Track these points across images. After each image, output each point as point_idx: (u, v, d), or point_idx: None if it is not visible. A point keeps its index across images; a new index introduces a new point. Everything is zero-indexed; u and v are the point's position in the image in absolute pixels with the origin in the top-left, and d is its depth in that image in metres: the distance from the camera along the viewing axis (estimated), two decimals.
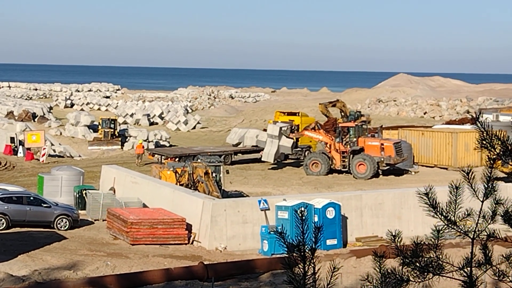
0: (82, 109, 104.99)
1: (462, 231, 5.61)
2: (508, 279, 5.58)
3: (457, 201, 5.59)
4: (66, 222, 33.78)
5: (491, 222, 5.68)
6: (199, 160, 40.87)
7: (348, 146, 51.63)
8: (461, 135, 54.80)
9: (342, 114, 67.66)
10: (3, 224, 32.54)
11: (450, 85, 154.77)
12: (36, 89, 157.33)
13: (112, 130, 68.46)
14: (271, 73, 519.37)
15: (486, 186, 5.65)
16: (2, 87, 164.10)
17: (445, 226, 5.60)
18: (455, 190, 5.59)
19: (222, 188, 38.49)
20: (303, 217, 5.18)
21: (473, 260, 5.56)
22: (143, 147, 59.04)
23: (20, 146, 59.66)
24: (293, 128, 54.98)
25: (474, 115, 5.65)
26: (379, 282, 5.51)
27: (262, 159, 54.89)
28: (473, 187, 5.63)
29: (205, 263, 25.29)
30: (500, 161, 5.70)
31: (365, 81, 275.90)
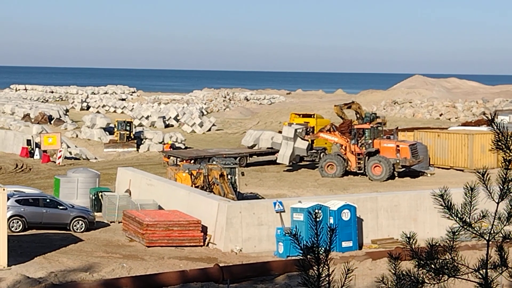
0: (98, 112, 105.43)
1: (477, 233, 5.59)
2: None
3: (472, 203, 5.57)
4: (82, 224, 33.90)
5: (507, 223, 5.65)
6: (214, 162, 40.90)
7: (364, 148, 51.52)
8: (477, 137, 54.55)
9: (358, 116, 67.58)
10: (19, 226, 32.70)
11: (466, 86, 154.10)
12: (52, 92, 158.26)
13: (127, 132, 68.71)
14: (286, 75, 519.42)
15: (501, 187, 5.62)
16: (19, 89, 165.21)
17: (461, 228, 5.57)
18: (470, 191, 5.57)
19: (237, 190, 38.50)
20: (317, 219, 5.17)
21: (488, 262, 5.54)
22: (170, 147, 60.80)
23: (37, 149, 59.99)
24: (308, 130, 54.91)
25: (490, 117, 5.63)
26: (394, 284, 5.49)
27: (277, 161, 54.86)
28: (489, 189, 5.60)
29: (221, 265, 25.30)
30: None
31: (381, 82, 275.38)
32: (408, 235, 5.60)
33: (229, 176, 37.88)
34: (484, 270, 5.52)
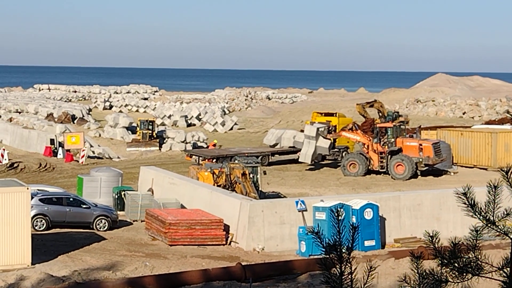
0: (120, 111, 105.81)
1: (501, 231, 5.55)
2: None
3: (496, 201, 5.53)
4: (105, 223, 34.07)
5: None
6: (236, 161, 40.94)
7: (386, 147, 51.33)
8: (500, 135, 54.17)
9: (380, 114, 67.32)
10: (43, 225, 32.93)
11: (489, 84, 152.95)
12: (75, 91, 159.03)
13: (150, 131, 68.95)
14: (308, 74, 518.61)
15: None
16: (42, 89, 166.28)
17: (484, 226, 5.53)
18: (493, 189, 5.53)
19: (260, 189, 38.50)
20: (339, 217, 5.16)
21: None
22: (214, 145, 61.95)
23: (60, 148, 60.37)
24: (330, 128, 54.81)
25: None
26: (417, 283, 5.47)
27: (299, 160, 54.80)
28: None
29: (243, 264, 25.32)
30: None
31: (403, 81, 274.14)
32: (431, 234, 5.57)
33: (251, 175, 37.89)
34: (508, 269, 5.47)
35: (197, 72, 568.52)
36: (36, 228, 32.29)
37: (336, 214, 5.13)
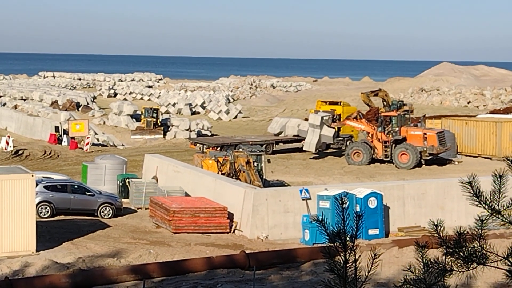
0: (125, 99, 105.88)
1: (507, 221, 5.54)
2: None
3: (501, 190, 5.51)
4: (109, 210, 34.15)
5: None
6: (240, 150, 40.94)
7: (391, 136, 51.28)
8: (505, 125, 54.08)
9: (385, 103, 67.36)
10: (48, 212, 33.02)
11: (495, 74, 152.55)
12: (80, 79, 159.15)
13: (154, 119, 68.99)
14: (312, 63, 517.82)
15: None
16: (47, 76, 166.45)
17: (489, 216, 5.52)
18: (499, 179, 5.51)
19: (264, 177, 38.53)
20: (344, 205, 5.16)
21: None
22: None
23: (65, 135, 60.47)
24: (334, 117, 54.75)
25: None
26: (422, 271, 5.46)
27: (304, 149, 54.80)
28: None
29: (247, 252, 25.34)
30: None
31: (408, 70, 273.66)
32: (436, 223, 5.56)
33: (255, 163, 37.91)
34: None
35: (201, 60, 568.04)
36: (41, 215, 32.39)
37: (340, 202, 5.12)
